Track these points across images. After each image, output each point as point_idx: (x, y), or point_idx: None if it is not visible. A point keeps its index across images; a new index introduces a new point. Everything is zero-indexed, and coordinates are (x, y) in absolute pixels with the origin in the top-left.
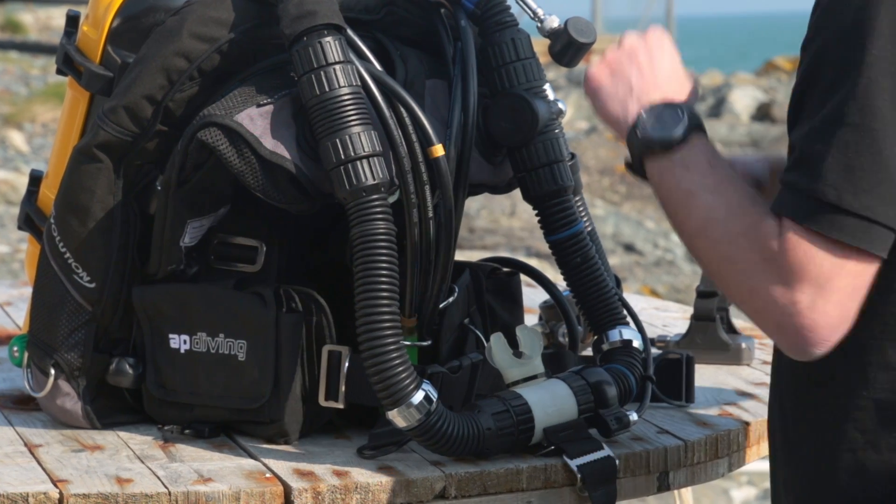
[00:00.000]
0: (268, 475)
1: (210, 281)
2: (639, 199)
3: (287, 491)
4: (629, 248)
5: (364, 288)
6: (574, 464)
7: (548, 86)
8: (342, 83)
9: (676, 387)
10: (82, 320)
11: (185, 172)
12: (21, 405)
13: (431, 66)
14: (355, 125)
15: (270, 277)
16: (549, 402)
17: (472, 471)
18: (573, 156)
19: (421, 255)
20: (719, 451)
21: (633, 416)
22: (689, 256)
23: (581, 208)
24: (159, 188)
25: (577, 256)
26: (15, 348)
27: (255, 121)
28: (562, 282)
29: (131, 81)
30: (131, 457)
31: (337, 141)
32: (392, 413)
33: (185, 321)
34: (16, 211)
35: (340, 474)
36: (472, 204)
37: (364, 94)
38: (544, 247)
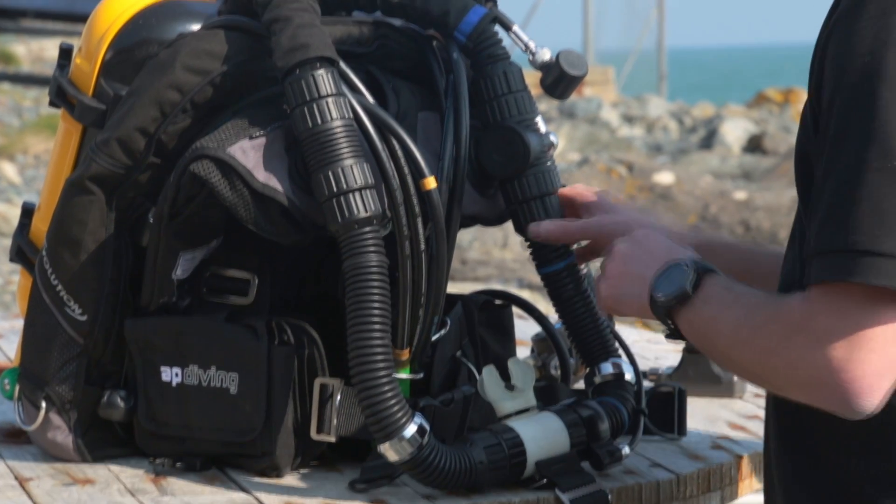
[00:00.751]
0: None
1: (202, 313)
2: None
3: None
4: None
5: (356, 320)
6: (566, 497)
7: (539, 118)
8: (335, 116)
9: (669, 420)
10: (74, 353)
11: (177, 205)
12: (12, 438)
13: (423, 98)
14: (348, 158)
15: (262, 310)
16: (542, 435)
17: None
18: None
19: (413, 288)
20: (711, 485)
21: (625, 450)
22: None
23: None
24: (152, 221)
25: (570, 289)
26: (6, 381)
27: (248, 153)
28: (553, 314)
29: (124, 114)
30: (122, 490)
31: (329, 173)
32: (384, 446)
33: (177, 354)
34: (7, 243)
35: None
36: (465, 236)
37: (356, 127)
38: (536, 279)
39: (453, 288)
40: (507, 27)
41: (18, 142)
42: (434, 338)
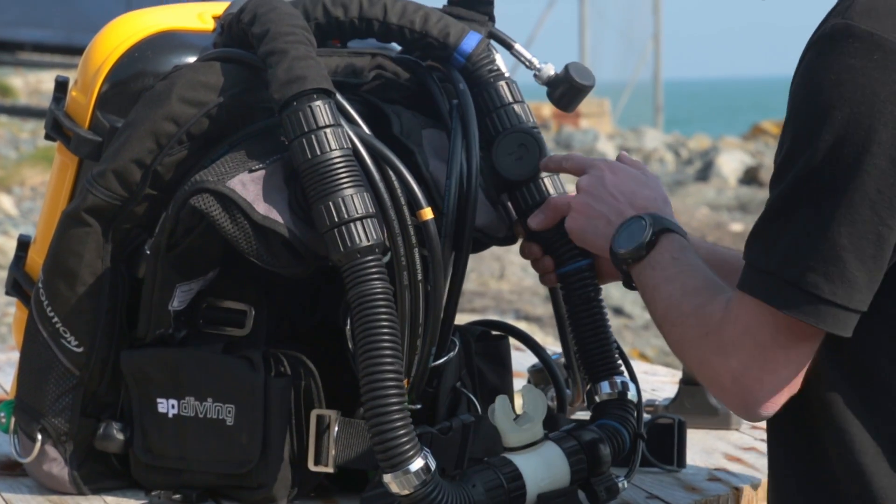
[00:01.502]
0: None
1: (198, 345)
2: None
3: None
4: (618, 311)
5: (366, 348)
6: None
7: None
8: (333, 146)
9: (667, 451)
10: (70, 385)
11: (175, 237)
12: (8, 471)
13: (425, 119)
14: (348, 187)
15: (259, 341)
16: (543, 471)
17: None
18: None
19: (411, 318)
20: None
21: (622, 484)
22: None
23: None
24: (148, 252)
25: (579, 293)
26: (1, 414)
27: (248, 186)
28: (550, 345)
29: (120, 146)
30: None
31: (330, 204)
32: (388, 477)
33: (174, 385)
34: (3, 275)
35: None
36: None
37: (355, 157)
38: (533, 310)
39: None
40: (508, 46)
41: (15, 174)
42: (441, 361)
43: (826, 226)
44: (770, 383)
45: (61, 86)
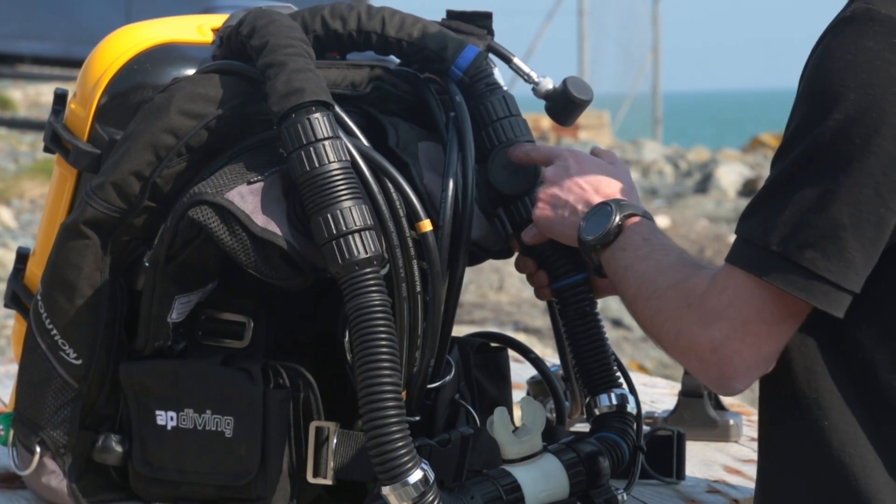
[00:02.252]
0: None
1: (197, 357)
2: None
3: None
4: (617, 322)
5: (365, 360)
6: None
7: None
8: (332, 158)
9: (667, 463)
10: (68, 397)
11: (173, 249)
12: (6, 483)
13: (422, 132)
14: (346, 200)
15: (258, 353)
16: (542, 483)
17: None
18: None
19: (409, 331)
20: None
21: (621, 496)
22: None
23: None
24: (147, 264)
25: (574, 308)
26: (0, 426)
27: (246, 198)
28: (549, 357)
29: (119, 158)
30: None
31: (328, 216)
32: (386, 489)
33: (173, 397)
34: (2, 287)
35: None
36: None
37: (353, 169)
38: (532, 322)
39: None
40: (507, 59)
41: (14, 186)
42: (438, 383)
43: (828, 204)
44: (749, 356)
45: (60, 98)
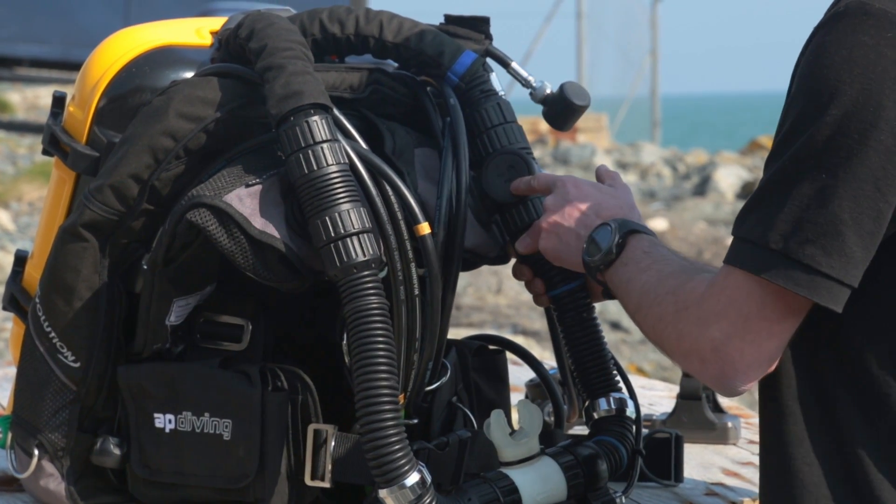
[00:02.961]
0: None
1: (195, 360)
2: None
3: None
4: (615, 325)
5: (362, 363)
6: None
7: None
8: (330, 161)
9: (665, 466)
10: (67, 400)
11: (172, 252)
12: (4, 486)
13: (419, 137)
14: (344, 202)
15: (256, 355)
16: (540, 485)
17: None
18: None
19: (407, 333)
20: None
21: (619, 499)
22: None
23: None
24: (145, 267)
25: (572, 315)
26: None
27: (244, 201)
28: (548, 360)
29: (117, 161)
30: None
31: (326, 219)
32: (383, 492)
33: (171, 400)
34: (0, 290)
35: None
36: (459, 281)
37: (352, 172)
38: (531, 324)
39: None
40: (505, 64)
41: (13, 189)
42: (434, 385)
43: (827, 200)
44: (751, 355)
45: (59, 101)
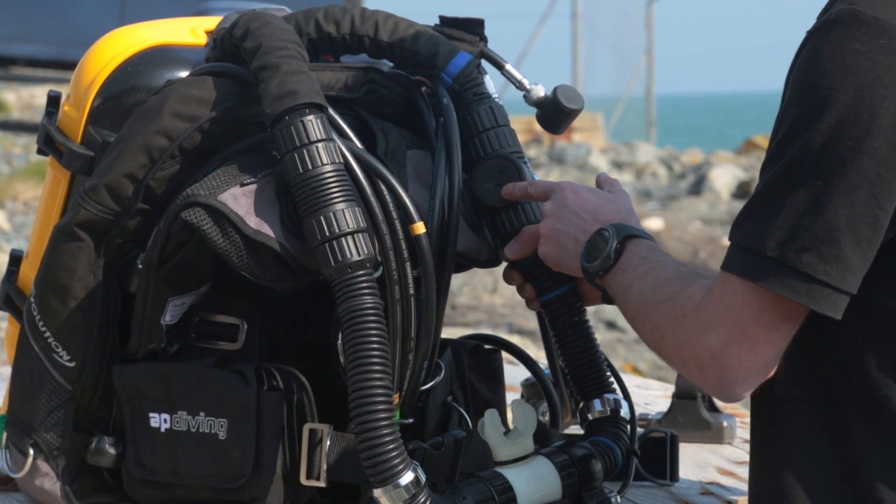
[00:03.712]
0: None
1: (191, 359)
2: None
3: None
4: (611, 325)
5: (356, 363)
6: None
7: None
8: (325, 161)
9: (660, 465)
10: (62, 399)
11: (167, 251)
12: None
13: (412, 138)
14: (339, 202)
15: (251, 355)
16: (534, 485)
17: None
18: None
19: (402, 333)
20: None
21: (615, 499)
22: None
23: None
24: (140, 266)
25: (564, 319)
26: None
27: (239, 200)
28: (543, 359)
29: (112, 160)
30: None
31: (321, 218)
32: (378, 492)
33: (166, 400)
34: None
35: None
36: (455, 281)
37: (346, 171)
38: (526, 324)
39: (443, 333)
40: (499, 66)
41: (8, 188)
42: (428, 385)
43: (823, 207)
44: (749, 361)
45: (54, 100)
